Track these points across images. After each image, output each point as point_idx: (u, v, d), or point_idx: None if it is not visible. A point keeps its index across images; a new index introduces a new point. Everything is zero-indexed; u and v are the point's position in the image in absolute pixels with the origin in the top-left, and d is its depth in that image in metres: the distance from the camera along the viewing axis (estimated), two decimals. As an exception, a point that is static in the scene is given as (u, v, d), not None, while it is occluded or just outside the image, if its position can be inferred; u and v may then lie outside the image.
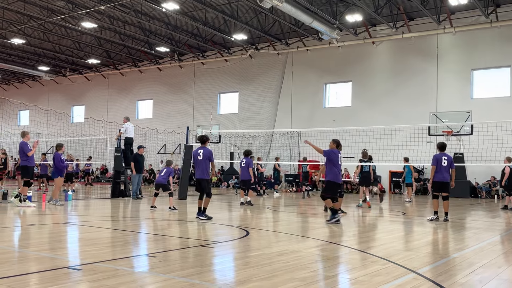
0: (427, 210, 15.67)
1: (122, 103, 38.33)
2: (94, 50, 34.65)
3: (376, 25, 27.70)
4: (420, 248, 7.43)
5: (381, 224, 11.11)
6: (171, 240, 7.92)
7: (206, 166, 10.74)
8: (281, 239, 8.18)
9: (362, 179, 15.85)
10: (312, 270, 5.59)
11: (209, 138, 11.55)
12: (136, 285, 4.69)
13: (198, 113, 34.08)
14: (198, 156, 10.78)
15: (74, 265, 5.62)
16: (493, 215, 14.13)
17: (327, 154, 10.39)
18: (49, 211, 12.00)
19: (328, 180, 10.44)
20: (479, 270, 5.79)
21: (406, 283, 5.02)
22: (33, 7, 26.03)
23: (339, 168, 10.47)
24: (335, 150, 10.57)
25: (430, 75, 26.31)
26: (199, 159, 10.76)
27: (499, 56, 24.82)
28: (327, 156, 10.41)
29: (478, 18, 25.04)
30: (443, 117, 23.78)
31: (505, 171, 16.19)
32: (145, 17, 27.16)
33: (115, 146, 18.72)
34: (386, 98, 27.42)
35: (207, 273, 5.32)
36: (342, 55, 29.04)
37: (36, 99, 41.47)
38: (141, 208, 13.97)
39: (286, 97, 30.94)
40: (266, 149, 29.89)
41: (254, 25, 27.53)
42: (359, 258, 6.43)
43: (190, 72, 35.33)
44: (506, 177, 16.04)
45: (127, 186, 18.04)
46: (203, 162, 10.72)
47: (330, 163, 10.39)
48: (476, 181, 24.38)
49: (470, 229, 10.38)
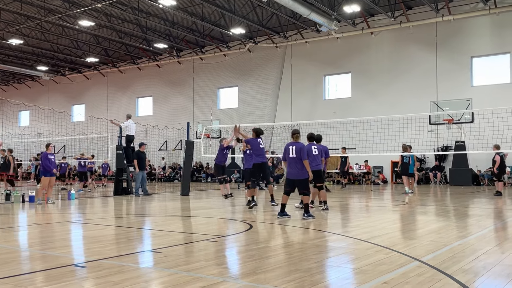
0: (430, 199, 15.70)
1: (122, 100, 38.34)
2: (92, 49, 34.61)
3: (374, 15, 27.61)
4: (423, 237, 7.45)
5: (384, 213, 11.13)
6: (174, 236, 7.94)
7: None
8: (284, 232, 8.20)
9: (402, 169, 18.12)
10: (316, 261, 5.61)
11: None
12: (141, 281, 4.71)
13: (198, 109, 34.08)
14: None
15: (79, 262, 5.65)
16: (495, 202, 14.15)
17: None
18: (53, 210, 12.04)
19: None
20: (482, 256, 5.81)
21: (410, 271, 5.03)
22: (30, 7, 25.98)
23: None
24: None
25: (429, 64, 26.24)
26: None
27: (498, 42, 24.74)
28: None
29: (476, 5, 24.95)
30: (444, 106, 23.75)
31: (495, 158, 16.64)
32: (142, 13, 27.10)
33: (116, 144, 18.75)
34: (386, 88, 27.38)
35: (212, 267, 5.35)
36: (341, 46, 28.96)
37: (36, 99, 41.49)
38: (142, 205, 14.01)
39: (286, 90, 30.90)
40: (267, 142, 29.89)
41: (251, 19, 27.45)
42: (363, 248, 6.45)
43: (189, 68, 35.29)
44: (497, 165, 16.51)
45: (129, 184, 18.08)
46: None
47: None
48: (478, 169, 24.38)
49: (473, 217, 10.40)
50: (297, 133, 9.94)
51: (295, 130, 10.09)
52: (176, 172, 33.21)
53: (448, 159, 25.35)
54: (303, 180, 9.65)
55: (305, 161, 9.62)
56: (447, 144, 25.32)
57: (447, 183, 24.83)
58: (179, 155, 33.71)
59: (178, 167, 32.98)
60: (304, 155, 9.64)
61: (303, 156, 9.61)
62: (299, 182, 9.63)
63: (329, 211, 11.08)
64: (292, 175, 9.71)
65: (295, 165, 9.62)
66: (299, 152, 9.61)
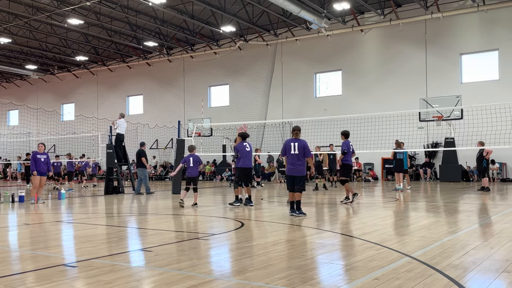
0: (421, 195, 15.81)
1: (112, 99, 38.13)
2: (82, 47, 34.36)
3: (364, 13, 27.70)
4: (414, 233, 7.51)
5: (375, 210, 11.19)
6: (166, 234, 7.93)
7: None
8: (276, 229, 8.22)
9: (396, 166, 18.03)
10: (307, 258, 5.63)
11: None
12: (132, 280, 4.70)
13: (189, 107, 33.99)
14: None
15: (69, 262, 5.62)
16: (484, 197, 14.28)
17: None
18: (43, 210, 11.95)
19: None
20: (472, 251, 5.87)
21: (400, 267, 5.07)
22: (18, 6, 25.73)
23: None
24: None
25: (419, 61, 26.40)
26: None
27: (487, 39, 24.95)
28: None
29: (464, 2, 25.13)
30: (433, 103, 23.92)
31: (483, 154, 16.90)
32: (132, 11, 26.95)
33: (107, 143, 18.66)
34: (376, 86, 27.50)
35: (203, 265, 5.35)
36: (331, 44, 29.03)
37: (25, 98, 41.13)
38: (134, 204, 13.96)
39: (277, 88, 30.93)
40: (258, 140, 29.90)
41: (242, 17, 27.42)
42: (354, 245, 6.49)
43: (179, 66, 35.18)
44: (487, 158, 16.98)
45: (120, 183, 18.02)
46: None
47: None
48: (468, 165, 24.59)
49: (463, 212, 10.49)
50: (297, 129, 10.03)
51: (296, 127, 10.16)
52: (167, 171, 33.12)
53: (438, 155, 25.54)
54: (302, 177, 9.79)
55: (309, 158, 9.78)
56: (437, 140, 25.52)
57: (437, 179, 25.01)
58: (170, 154, 33.62)
59: (169, 166, 32.89)
60: (308, 152, 9.79)
61: (307, 153, 9.74)
62: (299, 178, 9.74)
63: (319, 208, 11.11)
64: (292, 172, 9.79)
65: (296, 161, 9.71)
66: (303, 149, 9.70)
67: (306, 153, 9.76)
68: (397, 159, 17.94)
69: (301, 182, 9.80)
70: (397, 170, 18.06)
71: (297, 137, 9.93)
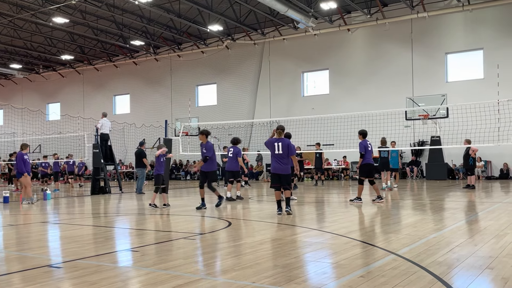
0: (407, 193, 15.94)
1: (98, 99, 37.83)
2: (67, 46, 34.04)
3: (351, 12, 27.83)
4: (400, 230, 7.57)
5: (361, 208, 11.26)
6: (152, 234, 7.90)
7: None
8: (263, 228, 8.23)
9: (381, 164, 17.66)
10: (294, 257, 5.65)
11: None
12: (118, 280, 4.67)
13: (176, 106, 33.86)
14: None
15: (55, 263, 5.57)
16: (470, 195, 14.45)
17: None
18: (27, 211, 11.83)
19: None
20: (456, 248, 5.94)
21: (385, 264, 5.11)
22: (2, 4, 25.40)
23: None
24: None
25: (405, 60, 26.61)
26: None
27: (472, 39, 25.23)
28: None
29: (450, 2, 25.38)
30: (419, 101, 24.11)
31: (469, 152, 17.06)
32: (118, 10, 26.76)
33: (93, 143, 18.54)
34: (363, 85, 27.66)
35: (190, 265, 5.33)
36: (319, 43, 29.13)
37: (9, 98, 40.62)
38: (120, 204, 13.87)
39: (264, 87, 30.95)
40: (246, 139, 29.89)
41: (229, 16, 27.38)
42: (340, 243, 6.52)
43: (166, 65, 35.02)
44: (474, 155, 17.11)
45: (107, 183, 17.91)
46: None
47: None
48: (454, 163, 24.85)
49: (448, 210, 10.61)
50: (281, 129, 10.13)
51: (280, 126, 10.26)
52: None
53: (424, 154, 25.77)
54: (287, 175, 9.90)
55: (293, 156, 9.85)
56: (423, 139, 25.74)
57: (424, 177, 25.24)
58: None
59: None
60: (292, 151, 9.90)
61: (291, 152, 9.87)
62: (285, 177, 9.84)
63: (307, 206, 11.15)
64: (277, 170, 9.87)
65: (280, 160, 9.82)
66: (287, 148, 9.81)
67: (290, 151, 9.84)
68: (381, 157, 17.63)
69: (287, 180, 9.92)
70: (382, 168, 17.71)
71: (280, 136, 9.98)
